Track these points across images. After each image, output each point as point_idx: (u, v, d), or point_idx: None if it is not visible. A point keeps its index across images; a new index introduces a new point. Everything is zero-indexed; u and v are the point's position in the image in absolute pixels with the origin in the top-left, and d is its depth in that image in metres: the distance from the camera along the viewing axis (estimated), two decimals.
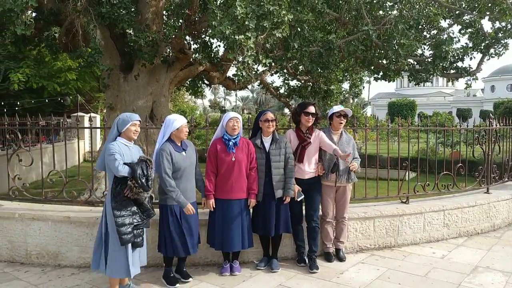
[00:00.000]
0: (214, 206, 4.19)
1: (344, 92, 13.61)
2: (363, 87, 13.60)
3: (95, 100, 22.41)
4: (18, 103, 16.63)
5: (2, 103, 16.41)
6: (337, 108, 4.70)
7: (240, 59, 6.15)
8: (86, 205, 5.00)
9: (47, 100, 17.84)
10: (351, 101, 32.37)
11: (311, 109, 4.49)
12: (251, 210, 4.40)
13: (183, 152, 4.06)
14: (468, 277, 4.34)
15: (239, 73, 6.15)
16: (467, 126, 6.55)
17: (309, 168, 4.53)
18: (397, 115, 6.30)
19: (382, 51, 8.43)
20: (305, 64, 7.63)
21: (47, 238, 4.62)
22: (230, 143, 4.17)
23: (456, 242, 5.48)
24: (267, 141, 4.38)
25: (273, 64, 7.76)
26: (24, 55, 14.49)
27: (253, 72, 11.08)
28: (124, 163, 3.61)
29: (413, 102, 48.09)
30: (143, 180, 3.60)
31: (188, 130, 4.14)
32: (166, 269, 4.19)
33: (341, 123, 4.64)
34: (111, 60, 9.60)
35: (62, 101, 19.48)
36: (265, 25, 6.14)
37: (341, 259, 4.76)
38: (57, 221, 4.60)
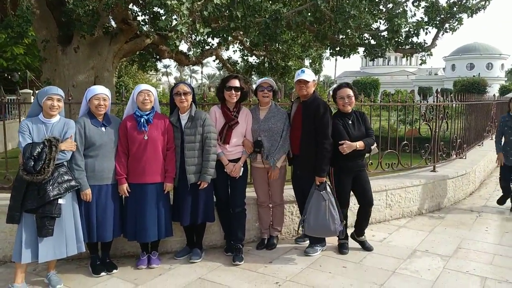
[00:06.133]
0: (129, 190, 3.73)
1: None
2: (323, 64, 13.24)
3: None
4: None
5: None
6: (259, 81, 4.24)
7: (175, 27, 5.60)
8: None
9: None
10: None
11: (234, 82, 3.98)
12: (171, 195, 3.95)
13: (103, 128, 3.62)
14: (405, 262, 4.07)
15: (171, 42, 5.60)
16: (427, 102, 6.30)
17: (234, 148, 4.06)
18: (361, 93, 6.08)
19: (337, 25, 8.02)
20: (251, 36, 7.13)
21: None
22: (142, 119, 3.66)
23: (398, 224, 5.24)
24: (184, 118, 3.84)
25: (216, 36, 7.18)
26: None
27: (201, 45, 10.48)
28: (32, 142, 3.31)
29: (376, 80, 48.44)
30: (29, 162, 3.20)
31: (103, 104, 3.59)
32: (91, 257, 3.83)
33: (265, 97, 4.14)
34: (48, 31, 8.79)
35: (10, 77, 18.35)
36: None
37: (271, 246, 4.38)
38: None
